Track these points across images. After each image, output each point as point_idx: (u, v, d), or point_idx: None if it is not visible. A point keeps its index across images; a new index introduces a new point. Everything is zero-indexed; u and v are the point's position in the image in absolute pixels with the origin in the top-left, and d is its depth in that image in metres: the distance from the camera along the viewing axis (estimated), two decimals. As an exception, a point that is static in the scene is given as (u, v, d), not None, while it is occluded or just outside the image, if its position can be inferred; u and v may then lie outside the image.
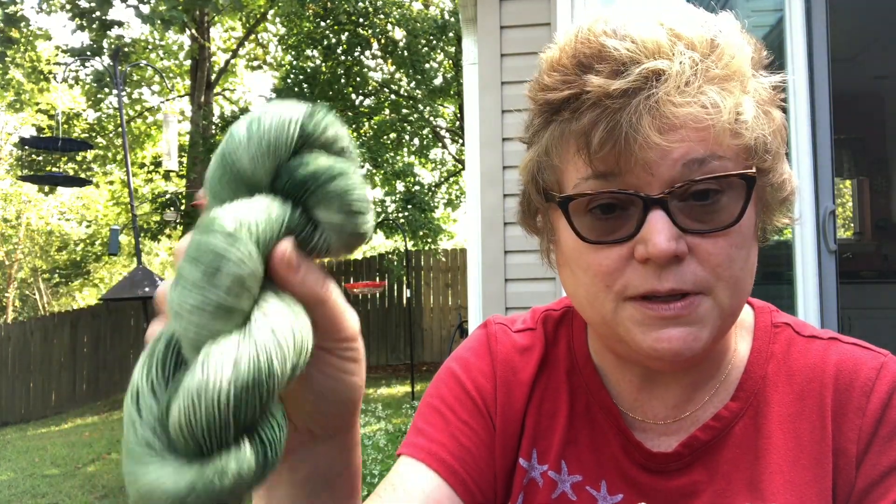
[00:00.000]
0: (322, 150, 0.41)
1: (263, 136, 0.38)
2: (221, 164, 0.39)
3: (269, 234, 0.37)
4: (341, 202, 0.39)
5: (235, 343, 0.34)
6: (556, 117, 0.63)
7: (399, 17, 11.49)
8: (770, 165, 0.63)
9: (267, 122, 0.39)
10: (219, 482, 0.32)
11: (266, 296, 0.37)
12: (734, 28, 0.63)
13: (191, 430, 0.32)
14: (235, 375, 0.33)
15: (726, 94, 0.58)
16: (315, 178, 0.39)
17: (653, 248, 0.58)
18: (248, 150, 0.38)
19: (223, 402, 0.32)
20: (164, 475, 0.32)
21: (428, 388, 0.80)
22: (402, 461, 0.73)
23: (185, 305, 0.34)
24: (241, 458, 0.33)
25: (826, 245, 2.56)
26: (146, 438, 0.33)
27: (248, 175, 0.39)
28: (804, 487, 0.65)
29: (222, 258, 0.34)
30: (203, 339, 0.34)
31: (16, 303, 20.61)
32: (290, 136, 0.39)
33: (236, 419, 0.33)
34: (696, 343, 0.61)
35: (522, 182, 0.71)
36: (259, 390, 0.33)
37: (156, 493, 0.31)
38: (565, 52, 0.63)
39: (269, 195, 0.39)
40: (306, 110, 0.40)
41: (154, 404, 0.34)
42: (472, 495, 0.71)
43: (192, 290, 0.34)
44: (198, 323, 0.34)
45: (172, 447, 0.33)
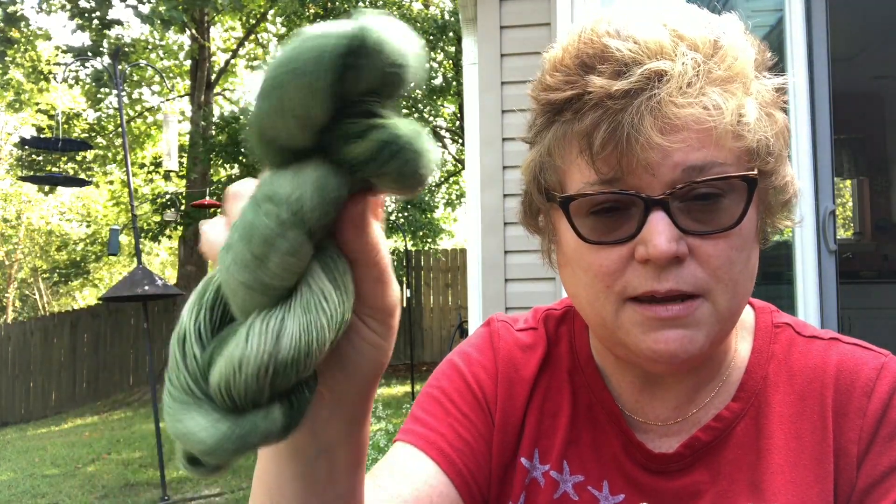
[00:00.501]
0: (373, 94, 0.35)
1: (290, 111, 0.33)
2: (257, 136, 0.36)
3: (323, 213, 0.36)
4: (393, 179, 0.36)
5: (280, 318, 0.35)
6: (559, 117, 0.63)
7: (399, 17, 11.49)
8: (772, 168, 0.63)
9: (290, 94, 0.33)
10: (248, 438, 0.34)
11: (315, 267, 0.37)
12: (738, 29, 0.63)
13: (228, 392, 0.34)
14: (277, 350, 0.34)
15: (728, 96, 0.58)
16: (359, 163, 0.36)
17: (653, 249, 0.58)
18: (275, 124, 0.34)
19: (262, 374, 0.34)
20: (201, 424, 0.34)
21: (429, 379, 0.80)
22: (399, 447, 0.72)
23: (233, 278, 0.35)
24: (272, 418, 0.35)
25: (826, 245, 2.56)
26: (187, 383, 0.35)
27: (286, 143, 0.35)
28: (805, 488, 0.65)
29: (272, 247, 0.34)
30: (249, 309, 0.36)
31: (16, 303, 20.61)
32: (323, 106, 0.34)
33: (272, 388, 0.34)
34: (692, 346, 0.61)
35: (524, 182, 0.71)
36: (297, 365, 0.34)
37: (191, 438, 0.34)
38: (568, 52, 0.63)
39: (323, 160, 0.36)
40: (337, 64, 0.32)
41: (198, 352, 0.36)
42: (468, 487, 0.70)
43: (241, 268, 0.35)
44: (244, 296, 0.36)
45: (209, 397, 0.35)
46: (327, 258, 0.38)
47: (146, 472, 6.19)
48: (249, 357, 0.34)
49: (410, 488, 0.67)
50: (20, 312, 20.55)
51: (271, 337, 0.34)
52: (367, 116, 0.35)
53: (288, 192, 0.35)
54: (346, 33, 0.33)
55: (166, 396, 0.36)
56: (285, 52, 0.33)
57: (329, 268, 0.37)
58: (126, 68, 7.80)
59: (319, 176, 0.35)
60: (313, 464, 0.46)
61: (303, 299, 0.36)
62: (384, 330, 0.43)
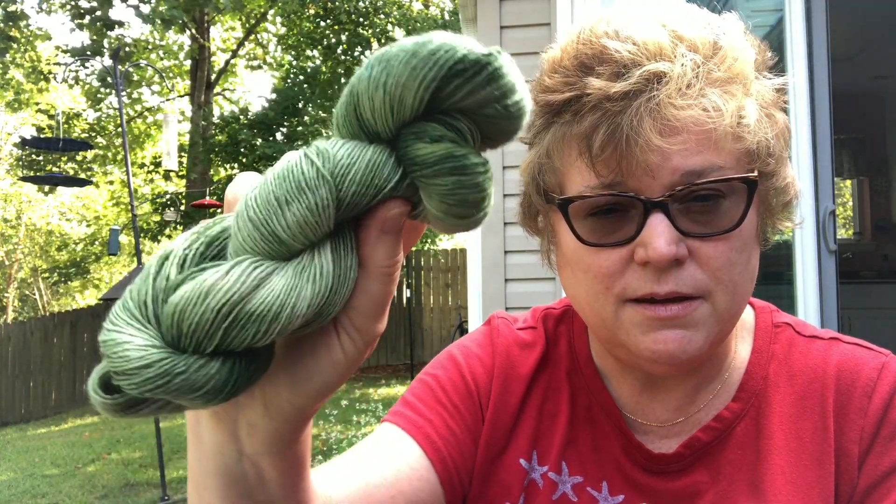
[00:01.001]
0: (462, 114, 0.36)
1: (387, 91, 0.34)
2: (348, 102, 0.36)
3: (361, 195, 0.36)
4: (443, 198, 0.36)
5: (269, 271, 0.34)
6: (558, 119, 0.63)
7: (399, 16, 11.50)
8: (773, 169, 0.63)
9: (395, 73, 0.34)
10: (173, 378, 0.32)
11: (325, 245, 0.36)
12: (738, 29, 0.63)
13: (181, 319, 0.32)
14: (249, 297, 0.33)
15: (728, 97, 0.58)
16: (420, 164, 0.36)
17: (653, 251, 0.58)
18: (370, 100, 0.35)
19: (223, 313, 0.32)
20: (135, 342, 0.32)
21: (425, 367, 0.80)
22: (386, 428, 0.72)
23: (248, 213, 0.35)
24: (205, 372, 0.33)
25: (826, 245, 2.56)
26: (144, 298, 0.34)
27: (369, 123, 0.36)
28: (806, 488, 0.65)
29: (298, 197, 0.34)
30: (245, 251, 0.35)
31: (16, 303, 20.61)
32: (416, 101, 0.35)
33: (223, 336, 0.33)
34: (691, 346, 0.61)
35: (523, 183, 0.71)
36: (260, 323, 0.33)
37: (117, 350, 0.32)
38: (567, 53, 0.63)
39: (387, 150, 0.36)
40: (451, 64, 0.34)
41: (173, 273, 0.34)
42: (449, 475, 0.70)
43: (262, 205, 0.34)
44: (249, 233, 0.35)
45: (158, 321, 0.33)
46: (341, 246, 0.37)
47: (146, 472, 6.19)
48: (220, 289, 0.32)
49: (392, 468, 0.66)
50: (20, 312, 20.54)
51: (252, 281, 0.33)
52: (452, 131, 0.36)
53: (341, 156, 0.35)
54: (471, 48, 0.34)
55: (117, 304, 0.34)
56: (416, 38, 0.35)
57: (339, 254, 0.37)
58: (126, 68, 7.80)
59: (378, 159, 0.36)
60: (237, 466, 0.43)
61: (300, 265, 0.35)
62: (354, 353, 0.40)
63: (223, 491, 0.44)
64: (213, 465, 0.44)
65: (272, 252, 0.35)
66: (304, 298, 0.34)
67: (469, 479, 0.73)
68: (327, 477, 0.62)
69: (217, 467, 0.44)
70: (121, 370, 0.32)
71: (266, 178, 0.35)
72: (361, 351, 0.40)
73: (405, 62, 0.34)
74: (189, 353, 0.33)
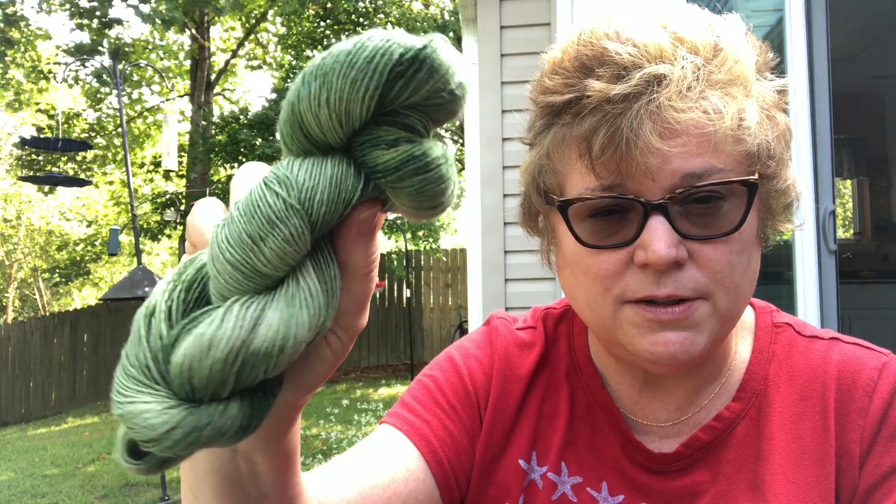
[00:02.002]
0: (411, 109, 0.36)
1: (331, 107, 0.34)
2: (291, 121, 0.35)
3: (331, 211, 0.35)
4: (412, 197, 0.36)
5: (261, 307, 0.33)
6: (558, 120, 0.63)
7: (399, 16, 11.50)
8: (774, 171, 0.63)
9: (336, 88, 0.33)
10: (200, 431, 0.32)
11: (307, 264, 0.36)
12: (739, 31, 0.63)
13: (190, 376, 0.32)
14: (252, 338, 0.32)
15: (729, 100, 0.58)
16: (383, 171, 0.36)
17: (652, 254, 0.58)
18: (315, 117, 0.34)
19: (230, 360, 0.32)
20: (153, 407, 0.32)
21: (424, 368, 0.80)
22: (384, 430, 0.72)
23: (223, 255, 0.34)
24: (229, 415, 0.33)
25: (826, 245, 2.56)
26: (146, 361, 0.33)
27: (318, 138, 0.35)
28: (807, 488, 0.65)
29: (272, 231, 0.34)
30: (231, 293, 0.34)
31: (16, 303, 20.61)
32: (362, 111, 0.34)
33: (236, 380, 0.33)
34: (692, 348, 0.60)
35: (523, 184, 0.71)
36: (269, 360, 0.33)
37: (138, 421, 0.32)
38: (567, 54, 0.62)
39: (344, 159, 0.36)
40: (390, 68, 0.33)
41: (164, 330, 0.34)
42: (445, 477, 0.70)
43: (236, 246, 0.34)
44: (229, 277, 0.34)
45: (166, 381, 0.33)
46: (321, 260, 0.37)
47: (146, 472, 6.19)
48: (221, 339, 0.32)
49: (388, 470, 0.67)
50: (20, 312, 20.54)
51: (249, 322, 0.33)
52: (404, 129, 0.36)
53: (303, 180, 0.35)
54: (408, 43, 0.34)
55: (119, 372, 0.34)
56: (346, 44, 0.34)
57: (321, 269, 0.36)
58: (126, 68, 7.80)
59: (339, 173, 0.36)
60: (230, 464, 0.44)
61: (288, 293, 0.35)
62: (340, 349, 0.41)
63: (218, 490, 0.45)
64: (207, 465, 0.45)
65: (257, 287, 0.34)
66: (303, 325, 0.34)
67: (467, 482, 0.73)
68: (323, 480, 0.62)
69: (210, 467, 0.44)
70: (149, 438, 0.32)
71: (232, 216, 0.34)
72: (347, 345, 0.41)
73: (343, 76, 0.33)
74: (207, 402, 0.33)
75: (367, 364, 11.03)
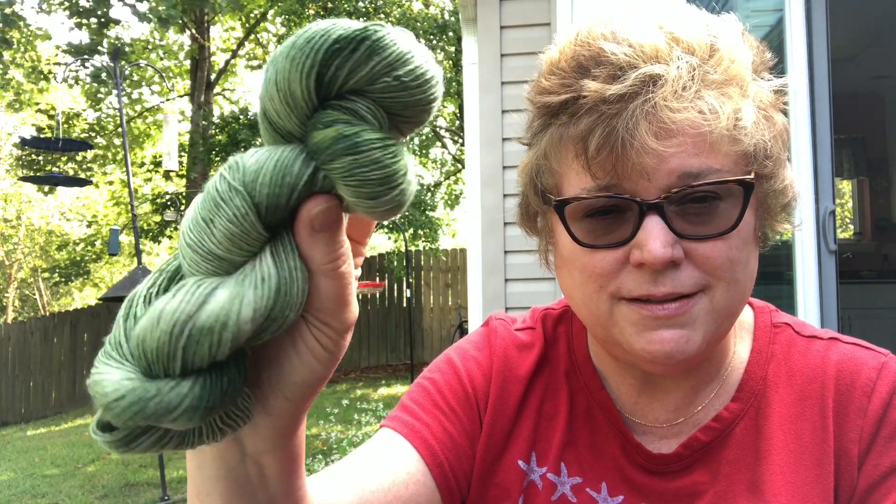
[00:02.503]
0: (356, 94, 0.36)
1: (279, 88, 0.36)
2: (259, 111, 0.38)
3: (275, 194, 0.36)
4: (344, 181, 0.36)
5: (213, 286, 0.35)
6: (555, 121, 0.63)
7: (399, 16, 11.50)
8: (771, 171, 0.63)
9: (280, 69, 0.35)
10: (149, 402, 0.33)
11: (265, 252, 0.37)
12: (735, 31, 0.63)
13: (142, 346, 0.34)
14: (197, 314, 0.34)
15: (725, 100, 0.58)
16: (319, 150, 0.36)
17: (648, 254, 0.58)
18: (271, 101, 0.36)
19: (175, 333, 0.33)
20: (111, 376, 0.34)
21: (424, 371, 0.80)
22: (384, 433, 0.73)
23: (184, 238, 0.37)
24: (177, 391, 0.34)
25: (826, 245, 2.56)
26: (119, 338, 0.36)
27: (279, 125, 0.37)
28: (806, 488, 0.65)
29: (217, 212, 0.36)
30: (192, 275, 0.37)
31: (16, 303, 20.61)
32: (304, 91, 0.35)
33: (184, 355, 0.34)
34: (688, 345, 0.60)
35: (521, 184, 0.71)
36: (212, 335, 0.34)
37: (98, 388, 0.34)
38: (564, 55, 0.63)
39: (299, 147, 0.37)
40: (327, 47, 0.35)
41: (140, 312, 0.36)
42: (446, 479, 0.70)
43: (193, 229, 0.36)
44: (191, 258, 0.37)
45: (132, 356, 0.35)
46: (281, 248, 0.38)
47: (146, 472, 6.19)
48: (168, 312, 0.34)
49: (388, 473, 0.67)
50: (20, 312, 20.54)
51: (197, 298, 0.34)
52: (347, 114, 0.36)
53: (250, 164, 0.36)
54: (346, 26, 0.35)
55: (100, 352, 0.36)
56: (297, 32, 0.36)
57: (279, 256, 0.37)
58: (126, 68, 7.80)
59: (286, 157, 0.37)
60: (239, 467, 0.45)
61: (241, 275, 0.36)
62: (332, 346, 0.41)
63: (227, 495, 0.45)
64: (216, 470, 0.45)
65: (216, 269, 0.36)
66: (248, 304, 0.35)
67: (468, 483, 0.73)
68: (324, 484, 0.62)
69: (219, 472, 0.45)
70: (102, 404, 0.34)
71: (196, 204, 0.37)
72: (336, 341, 0.42)
73: (286, 56, 0.35)
74: (161, 378, 0.34)
75: (367, 364, 11.03)
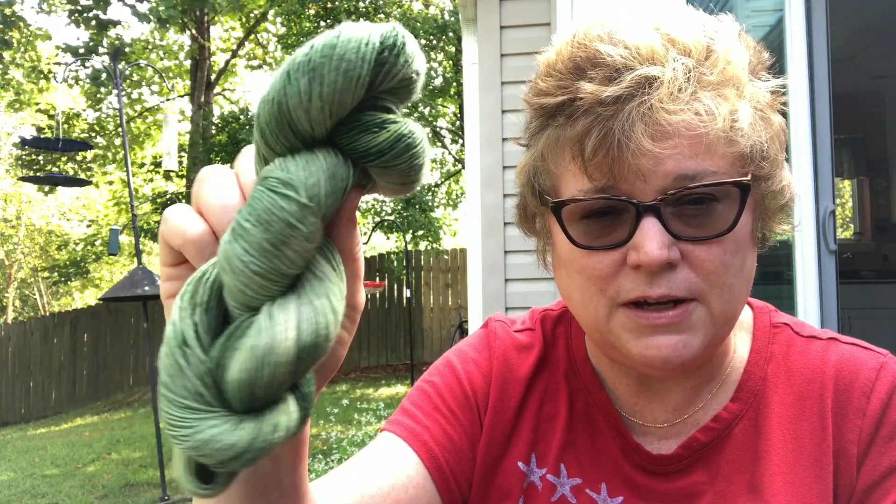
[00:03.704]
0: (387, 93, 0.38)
1: (324, 99, 0.35)
2: (278, 120, 0.36)
3: (334, 201, 0.37)
4: (402, 174, 0.39)
5: (296, 306, 0.35)
6: (552, 122, 0.63)
7: (399, 16, 11.50)
8: (768, 172, 0.63)
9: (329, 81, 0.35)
10: (273, 435, 0.34)
11: (316, 255, 0.37)
12: (732, 32, 0.63)
13: (251, 389, 0.33)
14: (298, 338, 0.34)
15: (721, 101, 0.58)
16: (377, 153, 0.38)
17: (644, 255, 0.58)
18: (306, 112, 0.36)
19: (289, 364, 0.33)
20: (222, 430, 0.33)
21: (423, 374, 0.80)
22: (384, 437, 0.73)
23: (250, 268, 0.34)
24: (290, 411, 0.35)
25: (826, 245, 2.56)
26: (195, 389, 0.34)
27: (305, 132, 0.37)
28: (805, 489, 0.65)
29: (293, 234, 0.35)
30: (256, 301, 0.35)
31: (16, 303, 20.61)
32: (353, 98, 0.36)
33: (294, 378, 0.34)
34: (686, 351, 0.60)
35: (519, 185, 0.71)
36: (316, 352, 0.35)
37: (213, 446, 0.32)
38: (561, 56, 0.63)
39: (330, 149, 0.38)
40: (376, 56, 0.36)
41: (201, 354, 0.34)
42: (446, 482, 0.70)
43: (260, 257, 0.34)
44: (258, 285, 0.35)
45: (222, 400, 0.34)
46: (324, 248, 0.38)
47: (146, 472, 6.19)
48: (275, 346, 0.33)
49: (388, 477, 0.67)
50: (20, 312, 20.55)
51: (293, 323, 0.34)
52: (385, 112, 0.38)
53: (304, 178, 0.36)
54: (384, 32, 0.36)
55: (167, 407, 0.34)
56: (326, 39, 0.35)
57: (327, 257, 0.38)
58: (126, 68, 7.79)
59: (331, 164, 0.37)
60: (258, 467, 0.46)
61: (311, 285, 0.36)
62: (350, 325, 0.45)
63: (246, 495, 0.47)
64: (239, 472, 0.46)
65: (281, 288, 0.36)
66: (334, 311, 0.36)
67: (468, 486, 0.73)
68: (324, 488, 0.63)
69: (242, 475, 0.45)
70: (226, 458, 0.33)
71: (244, 227, 0.35)
72: (350, 329, 0.45)
73: (335, 67, 0.35)
74: (267, 408, 0.34)
75: (367, 364, 11.03)
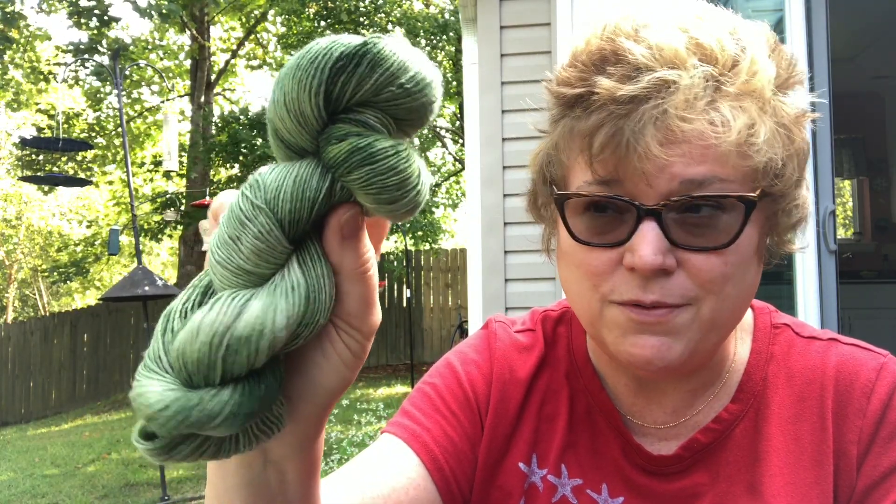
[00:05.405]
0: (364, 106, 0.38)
1: (289, 109, 0.37)
2: (270, 130, 0.39)
3: (300, 208, 0.38)
4: (364, 190, 0.38)
5: (246, 298, 0.37)
6: (570, 112, 0.62)
7: (400, 16, 11.50)
8: (781, 190, 0.61)
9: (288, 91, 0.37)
10: (192, 411, 0.35)
11: (293, 262, 0.39)
12: (763, 42, 0.60)
13: (182, 358, 0.36)
14: (234, 325, 0.36)
15: (739, 113, 0.56)
16: (336, 164, 0.38)
17: (639, 259, 0.57)
18: (281, 121, 0.38)
19: (215, 344, 0.35)
20: (154, 387, 0.35)
21: (424, 376, 0.80)
22: (385, 439, 0.72)
23: (214, 256, 0.39)
24: (218, 399, 0.35)
25: (826, 245, 2.56)
26: (158, 352, 0.37)
27: (291, 142, 0.39)
28: (805, 489, 0.65)
29: (243, 230, 0.38)
30: (225, 289, 0.38)
31: (16, 303, 20.61)
32: (313, 109, 0.37)
33: (224, 364, 0.36)
34: (668, 353, 0.60)
35: (531, 172, 0.71)
36: (249, 344, 0.36)
37: (142, 399, 0.35)
38: (589, 47, 0.61)
39: (314, 161, 0.39)
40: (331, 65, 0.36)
41: (177, 325, 0.38)
42: (447, 484, 0.70)
43: (221, 246, 0.38)
44: (221, 274, 0.39)
45: (172, 369, 0.37)
46: (307, 258, 0.40)
47: (146, 472, 6.19)
48: (206, 324, 0.36)
49: (389, 479, 0.67)
50: (20, 312, 20.54)
51: (233, 310, 0.36)
52: (357, 126, 0.38)
53: (270, 181, 0.38)
54: (347, 42, 0.37)
55: (140, 366, 0.38)
56: (299, 52, 0.38)
57: (306, 266, 0.39)
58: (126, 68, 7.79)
59: (303, 172, 0.39)
60: (262, 474, 0.46)
61: (272, 286, 0.38)
62: (359, 349, 0.44)
63: (247, 502, 0.46)
64: (239, 478, 0.46)
65: (247, 282, 0.38)
66: (282, 312, 0.37)
67: (469, 487, 0.73)
68: (324, 491, 0.62)
69: (243, 480, 0.46)
70: (146, 415, 0.35)
71: (221, 222, 0.39)
72: (363, 344, 0.44)
73: (292, 77, 0.37)
74: (201, 387, 0.36)
75: (367, 364, 11.04)
